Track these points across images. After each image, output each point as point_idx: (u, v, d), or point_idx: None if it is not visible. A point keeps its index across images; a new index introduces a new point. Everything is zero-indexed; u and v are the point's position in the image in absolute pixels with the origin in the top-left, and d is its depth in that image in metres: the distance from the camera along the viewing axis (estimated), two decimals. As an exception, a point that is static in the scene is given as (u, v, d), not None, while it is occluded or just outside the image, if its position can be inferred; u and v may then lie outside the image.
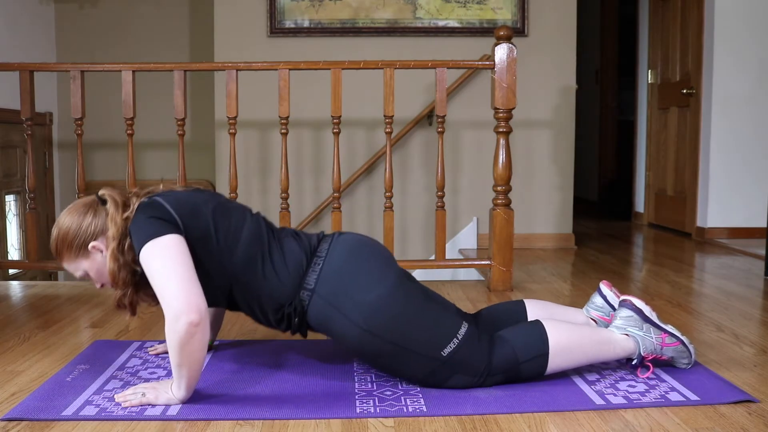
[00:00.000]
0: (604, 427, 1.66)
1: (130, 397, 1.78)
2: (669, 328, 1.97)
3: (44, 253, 4.82)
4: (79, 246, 1.86)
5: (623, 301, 2.00)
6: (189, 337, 1.68)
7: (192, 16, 5.31)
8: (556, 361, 1.88)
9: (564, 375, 1.98)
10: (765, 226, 3.86)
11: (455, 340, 1.84)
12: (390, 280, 1.86)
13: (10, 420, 1.69)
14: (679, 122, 5.13)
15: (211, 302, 1.84)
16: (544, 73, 4.54)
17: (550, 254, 4.33)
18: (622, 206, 5.77)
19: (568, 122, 4.60)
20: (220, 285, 1.86)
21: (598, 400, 1.80)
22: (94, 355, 2.20)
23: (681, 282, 3.38)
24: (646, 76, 5.69)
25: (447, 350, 1.83)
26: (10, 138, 4.56)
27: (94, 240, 1.85)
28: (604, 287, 2.14)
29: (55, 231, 1.89)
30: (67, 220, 1.88)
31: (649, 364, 1.96)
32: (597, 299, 2.14)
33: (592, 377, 1.97)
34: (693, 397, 1.82)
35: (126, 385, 1.93)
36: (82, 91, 3.21)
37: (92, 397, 1.84)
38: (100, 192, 1.92)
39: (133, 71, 3.20)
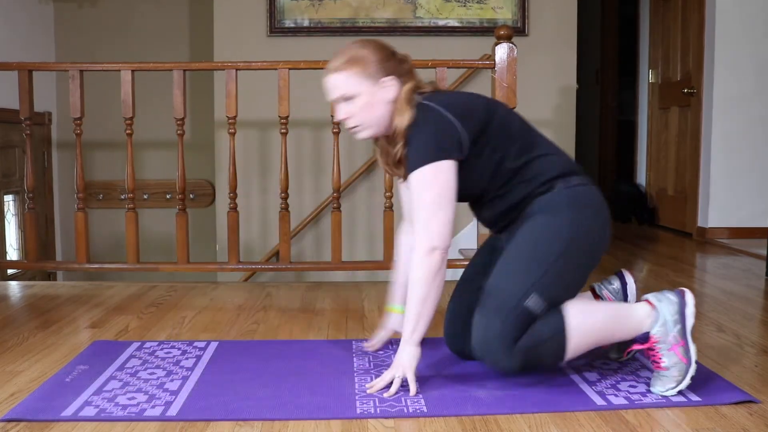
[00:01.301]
0: (605, 427, 1.65)
1: (383, 384, 1.83)
2: (692, 345, 1.82)
3: (43, 253, 4.82)
4: (378, 71, 1.89)
5: (679, 289, 1.90)
6: (438, 268, 1.78)
7: (192, 15, 5.31)
8: (574, 341, 1.80)
9: (564, 375, 1.97)
10: (766, 226, 3.85)
11: (543, 307, 1.80)
12: (606, 240, 1.95)
13: (9, 420, 1.69)
14: (679, 122, 5.13)
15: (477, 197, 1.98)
16: (544, 73, 4.53)
17: (550, 254, 4.32)
18: (641, 213, 5.67)
19: (569, 122, 4.59)
20: (499, 170, 1.91)
21: (599, 401, 1.80)
22: (93, 355, 2.19)
23: (681, 282, 3.38)
24: (647, 76, 5.68)
25: (530, 302, 1.80)
26: (9, 138, 4.55)
27: (393, 77, 1.89)
28: (627, 274, 2.11)
29: (364, 45, 1.92)
30: (381, 45, 1.93)
31: (644, 348, 1.84)
32: (615, 283, 2.10)
33: (592, 377, 1.96)
34: (694, 397, 1.81)
35: (125, 385, 1.92)
36: (81, 90, 3.21)
37: (92, 397, 1.83)
38: (401, 52, 1.97)
39: (133, 71, 3.19)
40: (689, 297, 1.86)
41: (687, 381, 1.81)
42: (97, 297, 3.05)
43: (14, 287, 3.36)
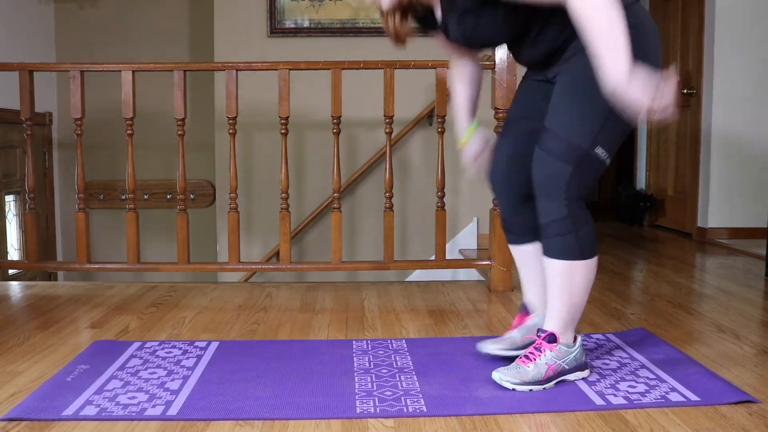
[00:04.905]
0: (605, 427, 1.65)
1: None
2: (552, 384, 1.90)
3: (44, 254, 4.82)
4: None
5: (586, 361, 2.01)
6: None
7: (192, 16, 5.31)
8: (592, 264, 1.89)
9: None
10: (765, 226, 3.86)
11: (603, 155, 1.83)
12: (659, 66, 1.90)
13: (10, 420, 1.69)
14: (679, 122, 5.13)
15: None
16: (544, 73, 4.52)
17: (550, 254, 4.32)
18: (639, 215, 5.65)
19: (569, 122, 4.59)
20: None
21: (599, 401, 1.80)
22: (94, 355, 2.19)
23: (681, 282, 3.38)
24: (647, 76, 5.67)
25: (601, 151, 1.83)
26: (9, 138, 4.56)
27: None
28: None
29: None
30: None
31: (540, 343, 1.92)
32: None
33: (592, 377, 1.97)
34: (693, 397, 1.82)
35: (126, 385, 1.93)
36: (81, 91, 3.21)
37: (92, 397, 1.84)
38: None
39: (133, 71, 3.20)
40: (585, 371, 1.98)
41: (523, 388, 1.87)
42: (97, 297, 3.05)
43: (15, 287, 3.36)
